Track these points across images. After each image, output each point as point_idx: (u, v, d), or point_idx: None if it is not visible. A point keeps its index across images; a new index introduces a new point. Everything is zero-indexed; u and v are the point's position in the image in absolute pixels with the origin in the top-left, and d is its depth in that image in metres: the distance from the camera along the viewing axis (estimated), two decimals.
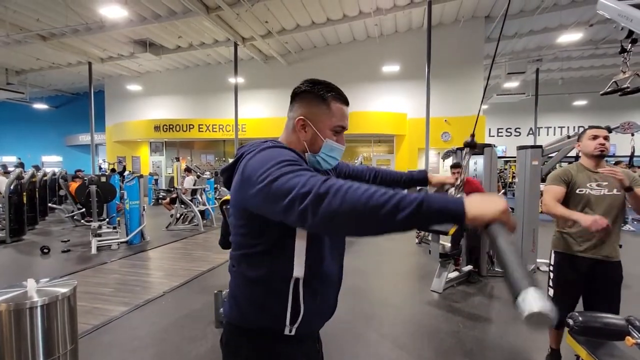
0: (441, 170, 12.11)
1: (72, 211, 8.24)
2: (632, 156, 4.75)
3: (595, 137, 2.06)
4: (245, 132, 13.70)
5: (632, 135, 4.96)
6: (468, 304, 3.61)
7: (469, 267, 4.48)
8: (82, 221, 7.63)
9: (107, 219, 6.46)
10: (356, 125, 12.14)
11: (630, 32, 1.44)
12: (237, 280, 1.03)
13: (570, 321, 1.26)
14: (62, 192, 8.83)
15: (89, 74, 14.02)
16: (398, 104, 12.44)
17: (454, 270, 4.22)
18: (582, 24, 10.76)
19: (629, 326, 1.16)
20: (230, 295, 1.05)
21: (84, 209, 6.82)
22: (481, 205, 0.69)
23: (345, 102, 1.05)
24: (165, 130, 14.44)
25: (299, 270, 0.96)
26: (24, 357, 1.60)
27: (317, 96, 1.01)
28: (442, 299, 3.76)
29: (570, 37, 11.09)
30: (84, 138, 18.42)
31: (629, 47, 1.54)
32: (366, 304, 3.58)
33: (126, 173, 6.99)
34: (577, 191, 2.05)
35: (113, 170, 13.22)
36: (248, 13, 9.80)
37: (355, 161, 10.10)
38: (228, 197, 3.32)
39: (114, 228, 6.29)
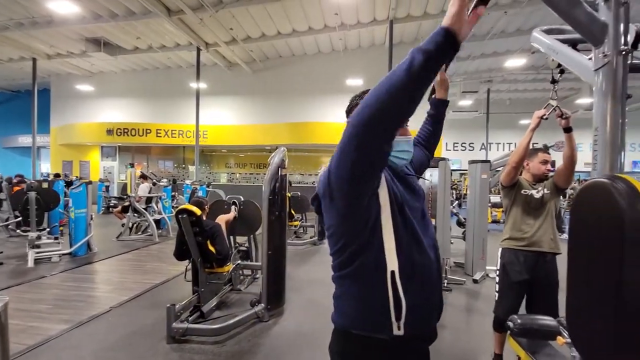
0: None
1: (7, 219, 7.47)
2: None
3: (545, 162, 2.41)
4: (207, 139, 13.35)
5: None
6: None
7: None
8: (18, 231, 6.93)
9: (48, 229, 5.92)
10: (319, 136, 12.30)
11: (559, 64, 1.63)
12: (337, 284, 1.04)
13: (510, 324, 1.36)
14: (2, 196, 8.00)
15: (33, 70, 12.93)
16: None
17: None
18: (526, 51, 11.82)
19: (560, 327, 1.27)
20: (334, 302, 1.06)
21: (20, 218, 6.19)
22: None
23: None
24: (119, 134, 13.66)
25: (392, 263, 0.94)
26: None
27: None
28: None
29: (515, 62, 12.16)
30: (25, 140, 16.84)
31: (558, 77, 1.73)
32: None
33: (73, 178, 6.48)
34: (522, 192, 2.40)
35: (57, 175, 12.21)
36: (212, 19, 9.64)
37: (319, 171, 10.22)
38: (185, 206, 3.20)
39: (56, 238, 5.78)
